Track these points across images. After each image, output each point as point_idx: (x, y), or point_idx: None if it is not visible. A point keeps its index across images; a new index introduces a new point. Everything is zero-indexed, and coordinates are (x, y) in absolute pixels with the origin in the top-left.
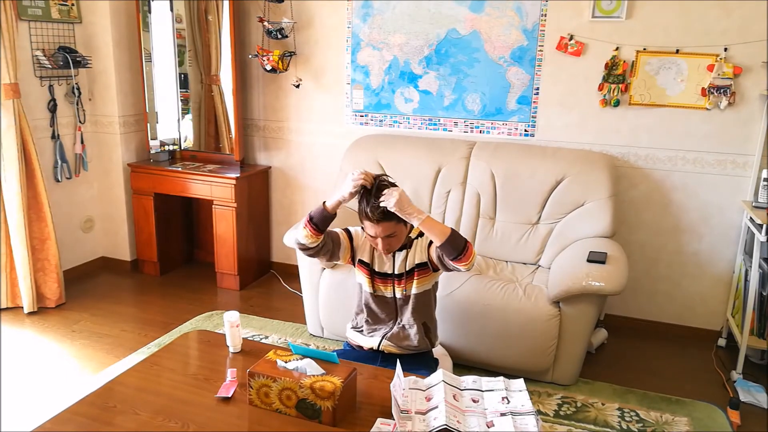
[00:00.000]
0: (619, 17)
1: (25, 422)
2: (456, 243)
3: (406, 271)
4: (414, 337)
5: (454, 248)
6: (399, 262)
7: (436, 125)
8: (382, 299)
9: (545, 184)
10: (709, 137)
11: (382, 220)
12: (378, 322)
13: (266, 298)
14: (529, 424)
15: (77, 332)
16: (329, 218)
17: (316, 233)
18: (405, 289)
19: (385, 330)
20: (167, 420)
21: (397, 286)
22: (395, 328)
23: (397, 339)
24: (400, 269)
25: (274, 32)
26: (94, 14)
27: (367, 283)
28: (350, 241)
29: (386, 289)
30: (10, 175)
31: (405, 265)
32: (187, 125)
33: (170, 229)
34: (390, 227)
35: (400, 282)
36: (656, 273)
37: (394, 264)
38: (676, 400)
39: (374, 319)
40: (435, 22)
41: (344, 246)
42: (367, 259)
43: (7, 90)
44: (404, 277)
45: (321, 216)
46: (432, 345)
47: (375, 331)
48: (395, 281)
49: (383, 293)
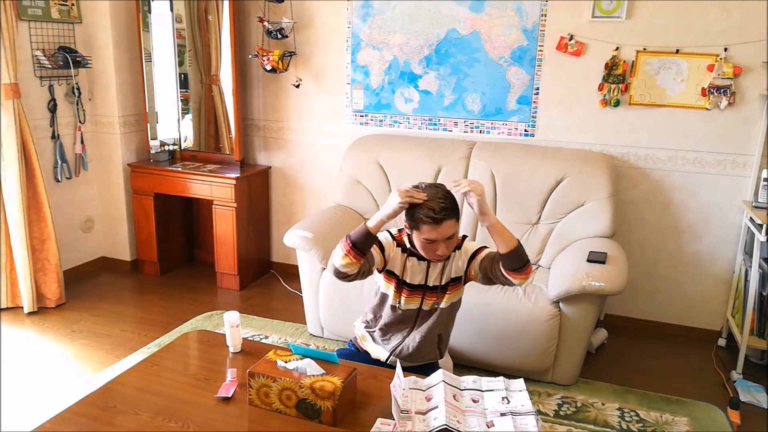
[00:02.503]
0: (619, 17)
1: (25, 422)
2: (522, 254)
3: (441, 285)
4: (426, 347)
5: (519, 259)
6: (435, 275)
7: (436, 125)
8: (408, 311)
9: (545, 184)
10: (709, 137)
11: (446, 218)
12: (393, 331)
13: (266, 298)
14: (529, 424)
15: (77, 332)
16: (372, 240)
17: (358, 258)
18: (436, 302)
19: (397, 341)
20: (167, 420)
21: (427, 299)
22: (407, 340)
23: (407, 352)
24: (436, 282)
25: (274, 32)
26: (94, 14)
27: (393, 295)
28: (382, 253)
29: (413, 301)
30: (10, 175)
31: (441, 278)
32: (187, 125)
33: (170, 229)
34: (452, 226)
35: (433, 295)
36: (656, 273)
37: (427, 276)
38: (676, 400)
39: (390, 327)
40: (435, 22)
41: (377, 260)
42: (398, 272)
43: (7, 90)
44: (438, 290)
45: (364, 239)
46: (441, 355)
47: (387, 341)
48: (426, 294)
49: (408, 306)
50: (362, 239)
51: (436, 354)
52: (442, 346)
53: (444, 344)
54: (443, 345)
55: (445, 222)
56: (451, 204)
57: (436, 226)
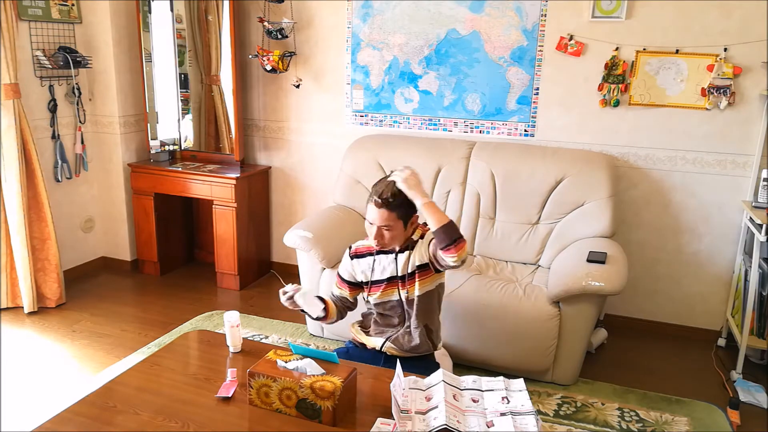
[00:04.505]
0: (618, 17)
1: (25, 422)
2: (450, 232)
3: (408, 273)
4: (417, 339)
5: (447, 236)
6: (401, 264)
7: (436, 125)
8: (389, 303)
9: (545, 184)
10: (708, 137)
11: (382, 206)
12: (387, 325)
13: (266, 298)
14: (528, 423)
15: (77, 332)
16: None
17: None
18: (408, 291)
19: (391, 332)
20: (167, 420)
21: (401, 289)
22: (401, 331)
23: (401, 342)
24: (403, 271)
25: (274, 32)
26: (94, 14)
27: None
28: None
29: (390, 294)
30: (10, 175)
31: (407, 267)
32: (188, 125)
33: (170, 229)
34: (386, 217)
35: (404, 284)
36: (656, 273)
37: (397, 266)
38: (676, 400)
39: (383, 320)
40: (435, 22)
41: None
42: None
43: (8, 90)
44: (407, 279)
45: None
46: (434, 347)
47: (381, 333)
48: (399, 284)
49: (389, 297)
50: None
51: (428, 346)
52: (433, 337)
53: (434, 335)
54: (434, 336)
55: (381, 209)
56: (393, 198)
57: (374, 209)
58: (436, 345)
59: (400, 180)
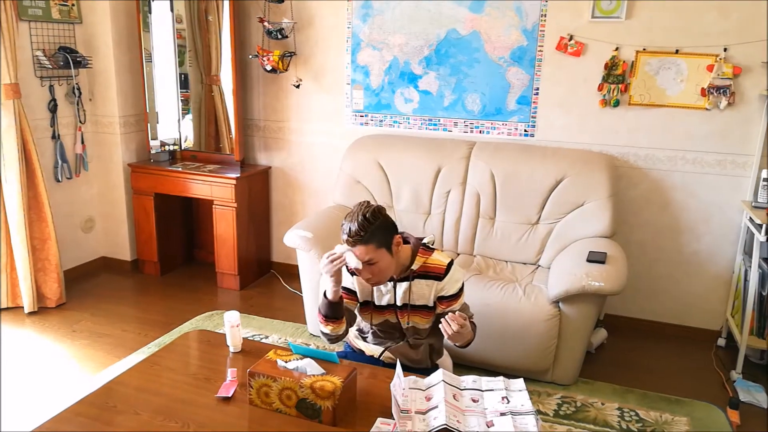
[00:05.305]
0: (618, 17)
1: (25, 422)
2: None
3: (409, 305)
4: (418, 354)
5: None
6: (400, 295)
7: (436, 125)
8: (388, 323)
9: (545, 184)
10: (708, 137)
11: (356, 243)
12: (386, 336)
13: (266, 298)
14: (528, 423)
15: (77, 332)
16: (339, 305)
17: (338, 322)
18: (408, 321)
19: (391, 343)
20: (167, 420)
21: (400, 318)
22: (401, 343)
23: (401, 353)
24: (402, 301)
25: (274, 32)
26: (95, 14)
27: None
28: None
29: (391, 317)
30: (10, 175)
31: (407, 298)
32: (188, 125)
33: (170, 229)
34: (365, 251)
35: (403, 313)
36: (656, 273)
37: (396, 296)
38: (676, 400)
39: (384, 334)
40: (435, 22)
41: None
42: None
43: (8, 90)
44: (407, 309)
45: (331, 308)
46: (434, 364)
47: (381, 343)
48: (398, 312)
49: (389, 319)
50: (330, 309)
51: (428, 363)
52: (434, 356)
53: (437, 354)
54: (435, 355)
55: (357, 247)
56: (364, 231)
57: (350, 251)
58: (434, 362)
59: (451, 331)
